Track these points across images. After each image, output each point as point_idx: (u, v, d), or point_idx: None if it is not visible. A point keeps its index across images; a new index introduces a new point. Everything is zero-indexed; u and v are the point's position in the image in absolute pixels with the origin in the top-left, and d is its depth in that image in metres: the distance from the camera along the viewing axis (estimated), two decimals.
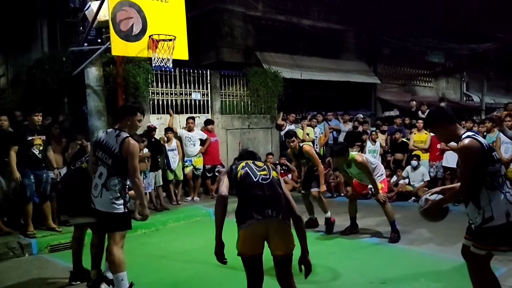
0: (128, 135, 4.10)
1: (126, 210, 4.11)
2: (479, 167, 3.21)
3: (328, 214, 7.01)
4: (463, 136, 3.33)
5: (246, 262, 3.23)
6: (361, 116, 12.35)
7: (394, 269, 5.21)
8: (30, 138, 6.36)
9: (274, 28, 13.12)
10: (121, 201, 4.05)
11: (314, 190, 7.08)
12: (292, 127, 11.12)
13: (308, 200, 7.33)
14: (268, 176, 3.32)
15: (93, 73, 7.31)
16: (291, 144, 6.90)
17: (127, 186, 4.18)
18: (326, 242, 6.49)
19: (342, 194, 10.41)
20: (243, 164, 3.41)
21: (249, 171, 3.33)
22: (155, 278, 5.03)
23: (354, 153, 6.73)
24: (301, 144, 7.04)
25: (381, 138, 10.77)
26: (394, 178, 9.86)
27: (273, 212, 3.15)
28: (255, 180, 3.27)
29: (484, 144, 3.30)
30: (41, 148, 6.46)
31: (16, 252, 5.98)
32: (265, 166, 3.42)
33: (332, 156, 9.84)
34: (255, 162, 3.48)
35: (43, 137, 6.52)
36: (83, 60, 7.29)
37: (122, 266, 4.02)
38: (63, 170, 7.31)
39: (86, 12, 7.11)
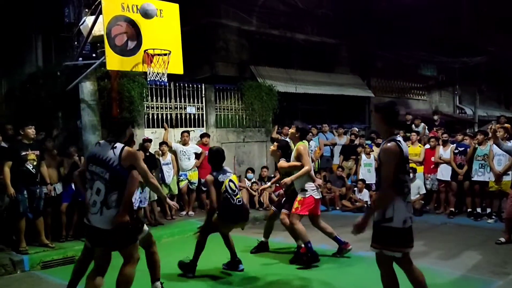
0: (123, 144, 4.03)
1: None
2: (395, 171, 3.56)
3: (300, 243, 6.15)
4: (389, 139, 3.69)
5: None
6: (356, 129, 12.40)
7: None
8: (24, 153, 6.33)
9: (268, 42, 13.22)
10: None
11: (283, 211, 6.28)
12: (287, 140, 11.11)
13: (271, 223, 6.73)
14: (240, 199, 5.50)
15: (87, 88, 7.30)
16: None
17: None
18: (321, 257, 6.44)
19: (337, 208, 10.39)
20: (226, 182, 5.32)
21: (228, 196, 5.34)
22: None
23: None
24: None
25: (376, 151, 10.79)
26: None
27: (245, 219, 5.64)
28: (233, 203, 5.42)
29: (404, 152, 3.65)
30: (34, 163, 6.42)
31: (7, 269, 5.89)
32: (237, 190, 5.42)
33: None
34: (231, 181, 5.42)
35: (37, 152, 6.49)
36: (78, 74, 7.29)
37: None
38: (58, 186, 7.26)
39: (81, 27, 7.13)
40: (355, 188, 10.43)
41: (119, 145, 3.96)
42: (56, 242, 6.71)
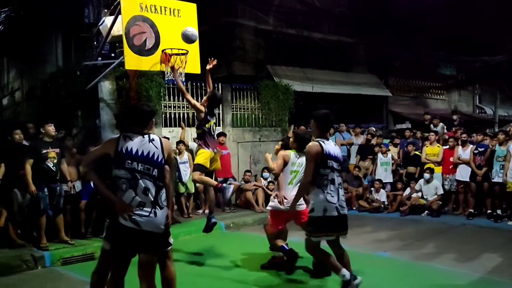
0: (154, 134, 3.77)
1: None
2: (315, 167, 4.24)
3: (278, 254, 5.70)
4: (314, 140, 4.40)
5: None
6: (373, 128, 12.30)
7: (407, 284, 5.14)
8: (44, 151, 6.44)
9: (285, 41, 13.20)
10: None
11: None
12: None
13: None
14: None
15: (106, 87, 7.42)
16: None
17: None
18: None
19: (354, 208, 10.33)
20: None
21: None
22: None
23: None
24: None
25: (394, 151, 10.70)
26: (407, 191, 9.77)
27: None
28: None
29: (325, 150, 4.28)
30: (55, 161, 6.53)
31: (29, 264, 6.01)
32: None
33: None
34: None
35: (57, 150, 6.60)
36: (97, 74, 7.41)
37: None
38: (77, 183, 7.39)
39: (100, 27, 7.24)
40: (372, 188, 10.35)
41: (155, 137, 3.60)
42: (75, 239, 6.82)
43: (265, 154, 6.35)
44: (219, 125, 10.57)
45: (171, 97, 9.72)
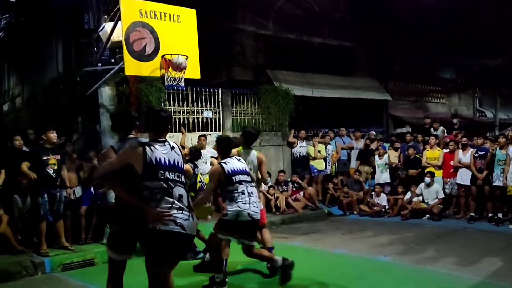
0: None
1: None
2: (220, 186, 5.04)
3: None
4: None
5: None
6: (374, 133, 12.31)
7: None
8: (45, 157, 6.45)
9: (285, 46, 13.22)
10: None
11: None
12: (304, 144, 11.11)
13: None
14: None
15: (106, 93, 7.43)
16: None
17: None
18: (337, 261, 6.41)
19: (355, 212, 10.32)
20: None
21: None
22: None
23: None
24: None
25: (394, 155, 10.70)
26: (408, 195, 9.75)
27: None
28: None
29: (226, 170, 4.92)
30: (55, 167, 6.54)
31: (29, 271, 6.00)
32: None
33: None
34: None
35: (58, 157, 6.61)
36: (97, 80, 7.42)
37: None
38: (77, 189, 7.39)
39: (100, 33, 7.26)
40: (373, 193, 10.34)
41: (174, 145, 3.65)
42: (76, 245, 6.81)
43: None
44: (219, 130, 10.58)
45: (171, 102, 9.73)
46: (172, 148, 3.57)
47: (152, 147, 3.45)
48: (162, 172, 3.41)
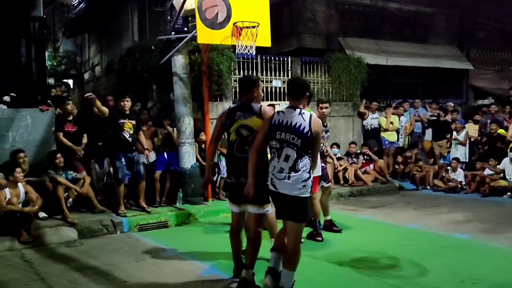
0: (312, 112, 4.03)
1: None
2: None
3: None
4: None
5: None
6: (451, 104, 11.59)
7: (487, 269, 4.82)
8: (121, 121, 6.75)
9: (358, 12, 12.67)
10: (310, 183, 3.80)
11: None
12: (376, 115, 10.74)
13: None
14: None
15: (179, 61, 7.57)
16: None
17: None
18: (409, 236, 6.20)
19: (428, 187, 9.90)
20: None
21: None
22: None
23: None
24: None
25: (473, 128, 10.03)
26: (487, 171, 9.16)
27: None
28: None
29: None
30: (131, 131, 6.83)
31: (109, 229, 6.43)
32: None
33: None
34: None
35: (133, 122, 6.88)
36: (171, 48, 7.56)
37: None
38: (152, 154, 7.70)
39: (173, 2, 7.36)
40: (449, 167, 9.83)
41: (307, 112, 3.87)
42: (150, 207, 7.14)
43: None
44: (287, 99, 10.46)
45: (241, 70, 9.73)
46: (302, 113, 3.83)
47: (281, 112, 3.93)
48: (279, 132, 3.83)
